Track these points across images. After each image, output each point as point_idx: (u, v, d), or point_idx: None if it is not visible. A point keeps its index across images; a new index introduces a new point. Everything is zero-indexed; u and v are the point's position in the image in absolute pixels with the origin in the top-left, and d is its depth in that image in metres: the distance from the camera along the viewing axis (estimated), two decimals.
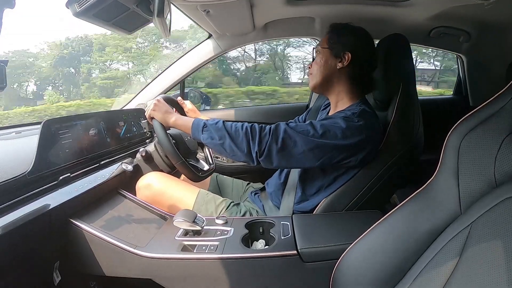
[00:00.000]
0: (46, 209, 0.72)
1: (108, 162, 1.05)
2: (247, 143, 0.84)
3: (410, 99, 0.98)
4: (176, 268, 0.76)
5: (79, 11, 0.62)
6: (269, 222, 0.89)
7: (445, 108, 1.88)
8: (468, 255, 0.42)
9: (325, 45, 0.97)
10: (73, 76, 13.57)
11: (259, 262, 0.75)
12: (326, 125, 0.85)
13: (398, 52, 1.02)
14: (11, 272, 0.66)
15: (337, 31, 0.97)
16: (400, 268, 0.54)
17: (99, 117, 1.09)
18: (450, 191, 0.50)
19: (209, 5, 1.10)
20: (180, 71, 1.59)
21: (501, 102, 0.48)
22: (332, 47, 0.95)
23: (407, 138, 0.95)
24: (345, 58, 0.93)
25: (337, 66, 0.94)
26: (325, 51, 0.96)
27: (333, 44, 0.95)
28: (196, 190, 1.04)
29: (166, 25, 0.72)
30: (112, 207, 0.91)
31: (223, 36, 1.51)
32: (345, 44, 0.94)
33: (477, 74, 1.76)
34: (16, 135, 1.07)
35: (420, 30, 1.47)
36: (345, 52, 0.93)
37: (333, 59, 0.95)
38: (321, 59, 0.96)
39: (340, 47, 0.94)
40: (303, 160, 0.85)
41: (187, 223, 0.79)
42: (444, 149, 0.53)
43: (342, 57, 0.94)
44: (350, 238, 0.64)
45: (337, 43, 0.95)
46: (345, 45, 0.93)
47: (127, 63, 14.55)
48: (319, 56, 0.98)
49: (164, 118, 0.96)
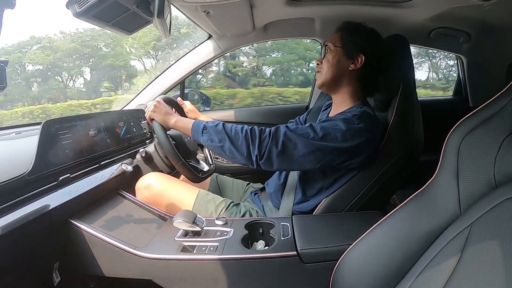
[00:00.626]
0: (46, 210, 0.72)
1: (108, 162, 1.05)
2: (247, 146, 0.84)
3: (410, 100, 0.98)
4: (175, 269, 0.76)
5: (79, 12, 0.63)
6: (269, 223, 0.89)
7: (445, 109, 1.88)
8: (468, 256, 0.42)
9: (338, 44, 0.95)
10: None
11: (259, 263, 0.75)
12: (326, 127, 0.85)
13: (398, 53, 1.02)
14: (11, 272, 0.66)
15: (351, 30, 0.95)
16: (400, 269, 0.54)
17: (99, 117, 1.09)
18: (450, 192, 0.50)
19: (209, 6, 1.10)
20: (180, 72, 1.59)
21: (501, 102, 0.48)
22: (346, 47, 0.94)
23: (407, 139, 0.95)
24: (357, 60, 0.92)
25: (349, 67, 0.94)
26: (338, 50, 0.95)
27: (346, 43, 0.94)
28: (196, 190, 1.04)
29: (166, 25, 0.72)
30: (112, 208, 0.91)
31: (223, 37, 1.52)
32: (359, 46, 0.92)
33: (477, 75, 1.76)
34: (16, 136, 1.07)
35: (420, 31, 1.47)
36: (359, 54, 0.92)
37: (345, 60, 0.94)
38: (333, 58, 0.95)
39: (353, 48, 0.93)
40: (304, 163, 0.85)
41: (187, 224, 0.79)
42: (444, 150, 0.53)
43: (355, 58, 0.93)
44: (350, 239, 0.64)
45: (350, 43, 0.93)
46: (359, 47, 0.92)
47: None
48: (331, 54, 0.96)
49: (164, 119, 0.96)
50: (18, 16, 10.12)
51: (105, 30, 0.79)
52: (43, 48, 10.88)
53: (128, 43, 11.01)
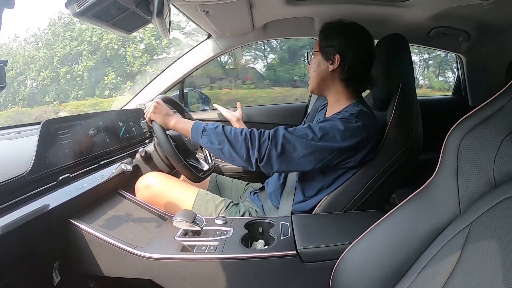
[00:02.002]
0: (46, 210, 0.72)
1: (107, 162, 1.04)
2: (246, 149, 0.84)
3: (409, 99, 0.98)
4: (175, 269, 0.76)
5: (78, 11, 0.62)
6: (268, 222, 0.89)
7: (444, 108, 1.88)
8: (468, 255, 0.42)
9: (317, 48, 0.96)
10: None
11: (259, 263, 0.75)
12: (324, 128, 0.85)
13: (397, 52, 1.02)
14: (11, 272, 0.66)
15: (326, 32, 0.96)
16: (399, 268, 0.54)
17: (99, 117, 1.08)
18: (449, 191, 0.50)
19: (208, 5, 1.10)
20: (179, 72, 1.59)
21: (500, 102, 0.48)
22: (323, 50, 0.94)
23: (406, 138, 0.95)
24: (334, 60, 0.92)
25: (329, 68, 0.94)
26: (317, 54, 0.96)
27: (323, 47, 0.94)
28: (195, 190, 1.04)
29: (165, 25, 0.71)
30: (111, 208, 0.91)
31: (222, 36, 1.51)
32: (333, 46, 0.92)
33: (476, 74, 1.76)
34: (15, 135, 1.07)
35: (419, 30, 1.47)
36: (334, 54, 0.92)
37: (324, 62, 0.94)
38: (314, 63, 0.97)
39: (329, 49, 0.93)
40: (303, 164, 0.85)
41: (186, 223, 0.79)
42: (444, 149, 0.53)
43: (332, 59, 0.93)
44: (349, 238, 0.64)
45: (326, 45, 0.94)
46: (334, 47, 0.92)
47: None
48: (313, 60, 0.98)
49: (164, 121, 0.96)
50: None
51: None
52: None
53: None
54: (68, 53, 10.69)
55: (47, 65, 10.86)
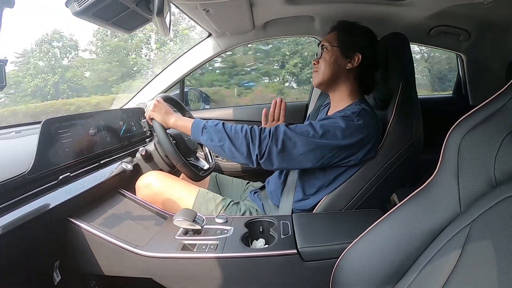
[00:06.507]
0: (46, 209, 0.72)
1: (107, 161, 1.04)
2: (247, 146, 0.84)
3: (409, 98, 0.98)
4: (176, 267, 0.76)
5: (79, 10, 0.62)
6: (269, 221, 0.89)
7: (445, 107, 1.88)
8: (468, 253, 0.42)
9: (335, 43, 0.95)
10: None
11: (259, 261, 0.75)
12: (326, 125, 0.85)
13: (397, 51, 1.02)
14: (11, 272, 0.66)
15: (348, 29, 0.96)
16: (400, 267, 0.54)
17: (99, 116, 1.08)
18: (450, 190, 0.50)
19: (208, 4, 1.09)
20: (179, 70, 1.59)
21: (501, 101, 0.48)
22: (342, 46, 0.94)
23: (407, 137, 0.95)
24: (354, 59, 0.93)
25: (346, 66, 0.94)
26: (335, 50, 0.95)
27: (343, 42, 0.94)
28: (196, 189, 1.04)
29: (165, 24, 0.71)
30: (112, 207, 0.91)
31: (222, 35, 1.51)
32: (355, 44, 0.93)
33: (476, 73, 1.76)
34: (16, 135, 1.07)
35: (419, 29, 1.46)
36: (356, 53, 0.93)
37: (342, 59, 0.94)
38: (331, 58, 0.95)
39: (350, 47, 0.93)
40: (304, 161, 0.85)
41: (187, 222, 0.79)
42: (444, 148, 0.53)
43: (351, 57, 0.93)
44: (350, 237, 0.64)
45: (347, 42, 0.94)
46: (356, 46, 0.93)
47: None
48: (327, 54, 0.96)
49: (164, 119, 0.96)
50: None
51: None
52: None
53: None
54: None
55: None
